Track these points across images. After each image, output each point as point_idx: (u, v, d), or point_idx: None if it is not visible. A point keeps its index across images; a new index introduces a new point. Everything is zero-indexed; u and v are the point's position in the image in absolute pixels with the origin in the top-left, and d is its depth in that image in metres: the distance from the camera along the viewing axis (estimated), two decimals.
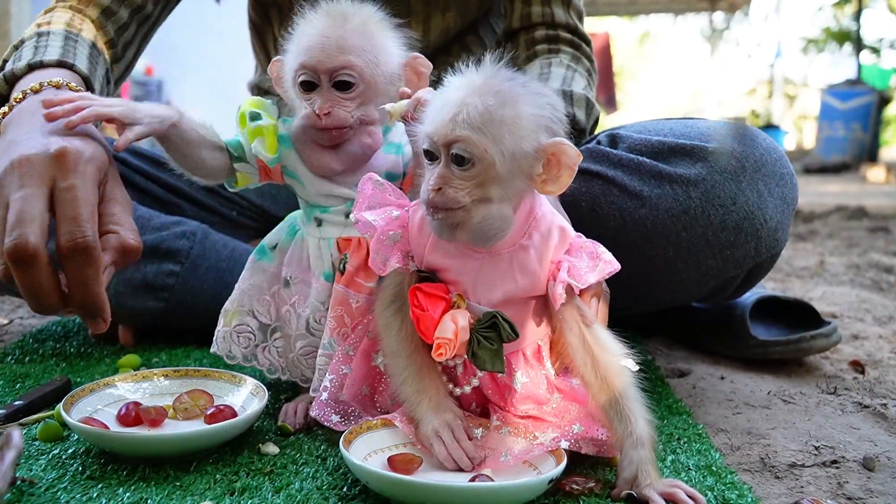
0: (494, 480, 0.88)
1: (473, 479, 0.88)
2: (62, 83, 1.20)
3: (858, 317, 1.91)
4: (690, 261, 1.24)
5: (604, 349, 0.94)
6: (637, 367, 0.95)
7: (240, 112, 1.14)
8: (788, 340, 1.46)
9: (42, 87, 1.19)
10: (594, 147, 1.33)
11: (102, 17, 1.45)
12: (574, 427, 0.96)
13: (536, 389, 0.98)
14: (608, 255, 0.96)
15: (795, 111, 18.03)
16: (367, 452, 0.94)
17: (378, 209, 0.98)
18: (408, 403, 0.99)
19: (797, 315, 1.56)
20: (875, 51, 13.92)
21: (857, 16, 12.32)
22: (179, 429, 1.03)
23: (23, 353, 1.49)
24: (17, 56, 1.30)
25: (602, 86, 10.71)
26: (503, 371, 0.95)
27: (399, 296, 1.00)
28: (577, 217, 1.25)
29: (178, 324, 1.52)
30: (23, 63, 1.25)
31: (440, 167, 0.89)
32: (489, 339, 0.93)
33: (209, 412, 1.04)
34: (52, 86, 1.19)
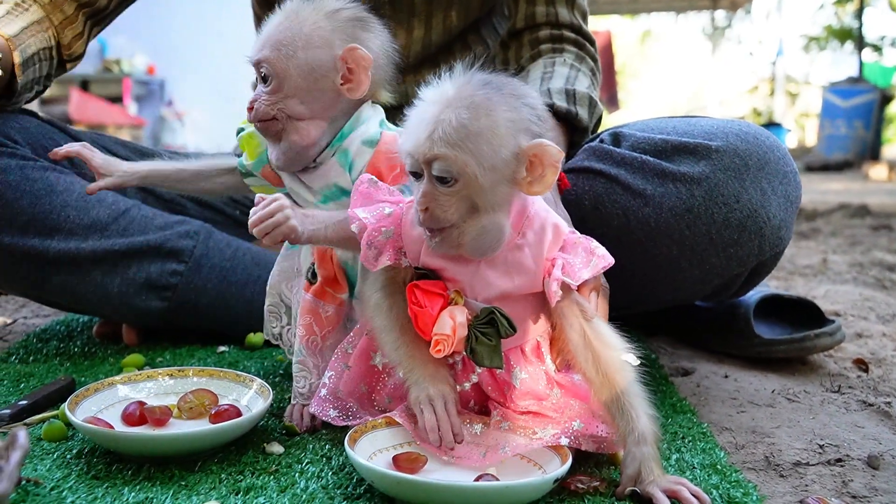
0: (500, 480, 0.88)
1: (479, 479, 0.88)
2: None
3: (862, 315, 1.91)
4: (694, 259, 1.24)
5: (605, 344, 0.94)
6: (638, 362, 0.95)
7: (237, 129, 1.18)
8: (792, 339, 1.46)
9: None
10: (597, 145, 1.33)
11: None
12: (574, 424, 0.96)
13: (536, 385, 0.98)
14: (602, 251, 0.96)
15: (797, 109, 17.98)
16: (372, 451, 0.94)
17: (370, 206, 0.99)
18: (401, 367, 0.99)
19: (801, 313, 1.56)
20: (877, 48, 13.88)
21: (859, 14, 12.29)
22: (184, 428, 1.03)
23: (27, 353, 1.49)
24: None
25: (604, 84, 10.64)
26: (502, 367, 0.95)
27: (390, 281, 1.01)
28: (581, 215, 1.25)
29: (182, 323, 1.52)
30: None
31: (425, 185, 0.90)
32: (487, 335, 0.93)
33: (214, 412, 1.05)
34: None
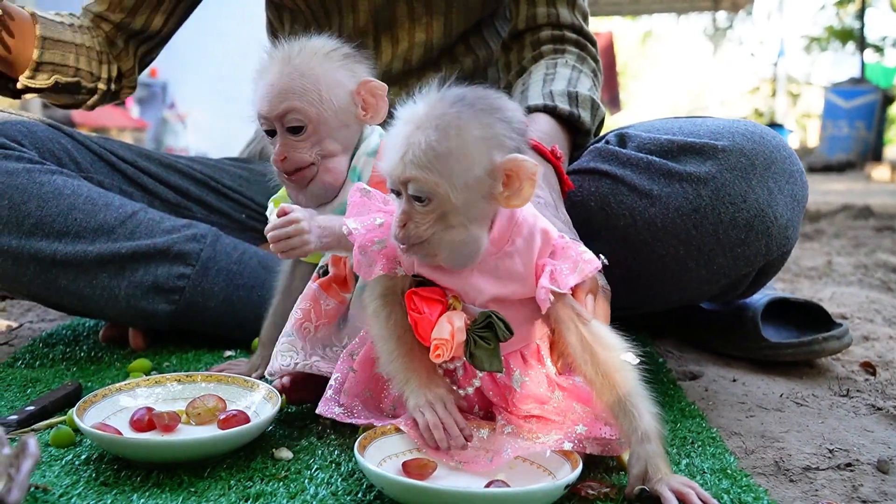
0: (510, 486, 0.88)
1: (489, 485, 0.87)
2: None
3: (868, 318, 1.90)
4: (701, 259, 1.24)
5: (604, 346, 0.94)
6: (638, 361, 0.94)
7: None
8: (801, 342, 1.46)
9: None
10: (603, 146, 1.33)
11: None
12: (577, 428, 0.95)
13: (537, 388, 0.98)
14: (588, 255, 0.96)
15: (798, 110, 17.99)
16: (382, 458, 0.93)
17: (363, 217, 1.00)
18: (397, 381, 1.00)
19: (807, 317, 1.56)
20: (878, 49, 13.89)
21: (861, 14, 12.30)
22: (193, 434, 1.03)
23: (33, 358, 1.49)
24: None
25: (605, 86, 10.68)
26: (501, 370, 0.95)
27: (388, 290, 1.01)
28: (587, 216, 1.25)
29: (189, 326, 1.52)
30: None
31: (403, 203, 0.91)
32: (486, 339, 0.94)
33: (222, 417, 1.04)
34: None
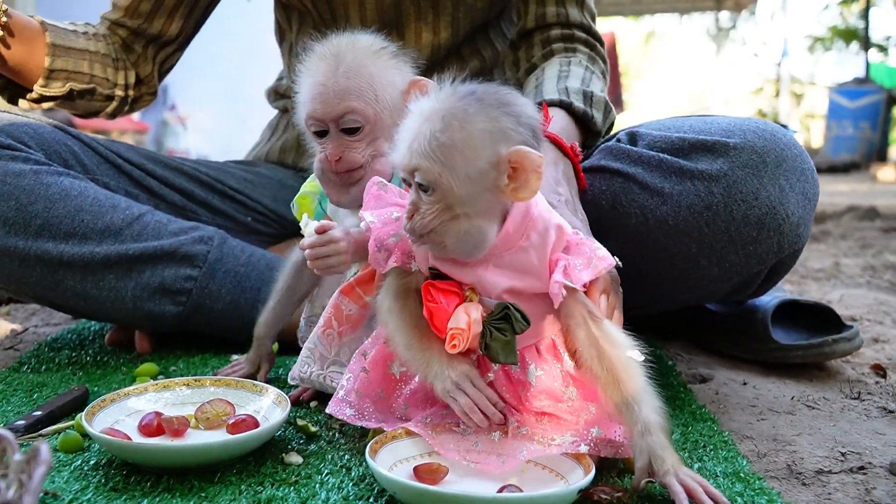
0: (522, 491, 0.87)
1: (501, 490, 0.87)
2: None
3: (878, 320, 1.89)
4: (713, 257, 1.23)
5: (611, 343, 0.94)
6: (643, 359, 0.94)
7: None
8: (811, 344, 1.45)
9: None
10: (614, 144, 1.33)
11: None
12: (593, 430, 0.95)
13: (552, 383, 0.97)
14: (603, 252, 0.97)
15: (802, 110, 17.97)
16: (393, 462, 0.93)
17: (380, 209, 1.01)
18: (416, 366, 1.00)
19: (817, 319, 1.55)
20: (883, 49, 13.86)
21: (865, 13, 12.27)
22: (202, 439, 1.02)
23: (38, 363, 1.49)
24: None
25: (608, 86, 10.69)
26: (516, 363, 0.95)
27: (403, 287, 1.02)
28: (598, 215, 1.24)
29: (196, 329, 1.51)
30: None
31: (411, 193, 0.93)
32: (502, 331, 0.94)
33: (231, 422, 1.04)
34: None
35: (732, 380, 1.42)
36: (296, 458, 1.01)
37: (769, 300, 1.54)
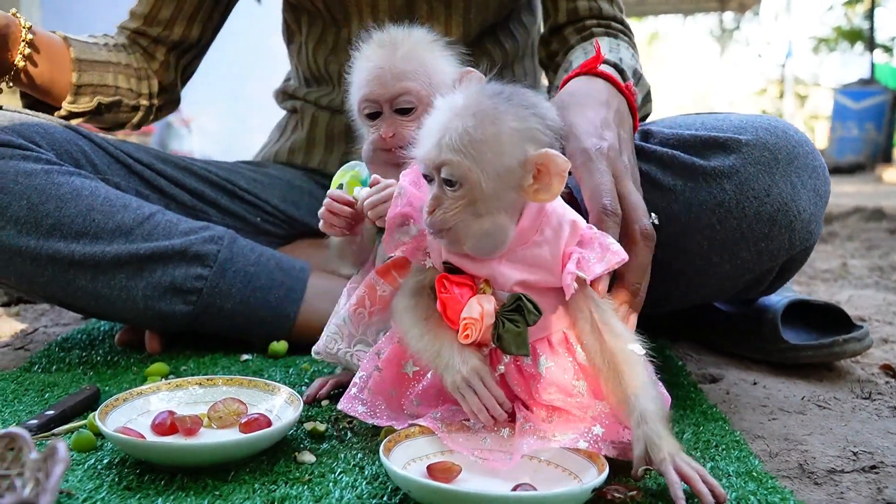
0: (537, 490, 0.87)
1: (515, 489, 0.87)
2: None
3: (887, 320, 1.89)
4: (725, 254, 1.23)
5: (613, 335, 0.95)
6: (644, 352, 0.95)
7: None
8: (821, 344, 1.45)
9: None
10: None
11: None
12: (594, 428, 0.95)
13: (562, 376, 0.98)
14: (616, 247, 0.98)
15: (806, 111, 17.94)
16: (406, 461, 0.93)
17: (418, 194, 1.02)
18: (427, 356, 1.00)
19: (826, 319, 1.55)
20: (888, 50, 13.82)
21: (870, 14, 12.24)
22: (215, 438, 1.03)
23: (49, 362, 1.49)
24: None
25: None
26: (528, 354, 0.96)
27: (418, 285, 1.03)
28: None
29: (207, 328, 1.52)
30: None
31: (435, 189, 0.94)
32: (514, 322, 0.94)
33: (244, 421, 1.04)
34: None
35: (742, 380, 1.42)
36: (309, 457, 1.01)
37: (779, 300, 1.54)
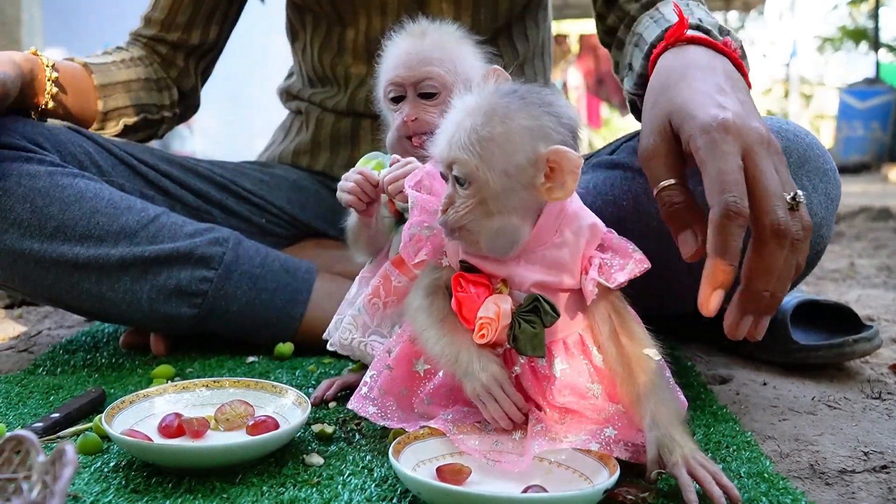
0: (548, 491, 0.86)
1: (526, 490, 0.86)
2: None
3: None
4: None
5: (631, 339, 0.96)
6: (659, 357, 0.95)
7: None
8: (831, 345, 1.44)
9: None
10: (634, 144, 1.31)
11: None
12: (606, 430, 0.95)
13: (576, 378, 0.97)
14: (639, 254, 0.97)
15: (812, 111, 17.92)
16: (416, 463, 0.92)
17: (424, 197, 1.02)
18: (444, 360, 0.99)
19: (835, 319, 1.54)
20: (893, 49, 13.79)
21: (875, 13, 12.22)
22: (222, 440, 1.02)
23: (54, 365, 1.48)
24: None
25: (616, 87, 10.70)
26: (543, 355, 0.95)
27: (433, 284, 1.03)
28: (620, 216, 1.23)
29: (212, 331, 1.51)
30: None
31: (448, 187, 0.94)
32: (531, 323, 0.94)
33: (251, 423, 1.03)
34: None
35: (752, 380, 1.41)
36: (317, 459, 1.00)
37: (788, 300, 1.53)
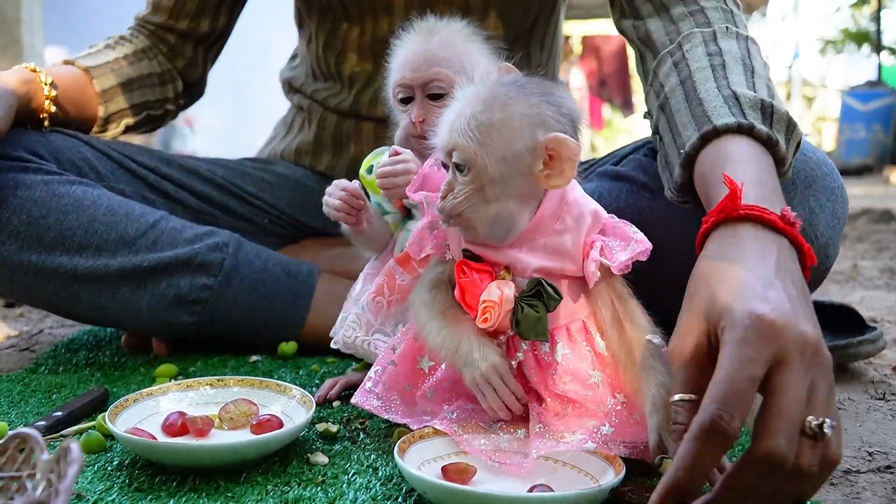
0: (553, 491, 0.86)
1: (532, 490, 0.86)
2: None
3: None
4: None
5: (633, 325, 0.96)
6: (660, 342, 0.94)
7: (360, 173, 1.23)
8: (835, 346, 1.43)
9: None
10: (640, 158, 1.31)
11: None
12: (603, 428, 0.95)
13: (578, 364, 0.97)
14: (640, 236, 0.98)
15: (814, 113, 17.91)
16: (421, 462, 0.92)
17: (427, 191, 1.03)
18: (445, 351, 0.99)
19: (839, 320, 1.53)
20: (894, 52, 13.77)
21: (877, 16, 12.21)
22: (226, 439, 1.02)
23: (56, 364, 1.48)
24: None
25: (618, 88, 10.71)
26: (546, 338, 0.96)
27: (437, 278, 1.03)
28: None
29: (213, 336, 1.51)
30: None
31: (449, 174, 0.95)
32: (534, 307, 0.95)
33: (255, 422, 1.03)
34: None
35: None
36: (321, 458, 1.00)
37: None
